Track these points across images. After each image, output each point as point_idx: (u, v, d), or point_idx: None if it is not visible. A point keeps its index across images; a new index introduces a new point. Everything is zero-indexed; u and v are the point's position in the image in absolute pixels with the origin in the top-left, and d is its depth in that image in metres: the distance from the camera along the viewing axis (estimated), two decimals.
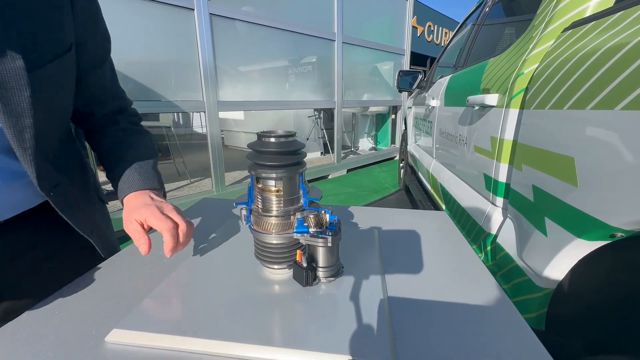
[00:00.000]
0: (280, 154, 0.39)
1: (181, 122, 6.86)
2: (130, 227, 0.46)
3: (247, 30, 2.99)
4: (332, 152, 4.31)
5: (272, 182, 0.40)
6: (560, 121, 0.66)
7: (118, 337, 0.34)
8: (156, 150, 0.63)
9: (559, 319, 0.73)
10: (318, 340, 0.34)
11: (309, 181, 4.20)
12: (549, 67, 0.74)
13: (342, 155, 4.49)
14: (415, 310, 0.40)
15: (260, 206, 0.42)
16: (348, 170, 4.48)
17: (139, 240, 0.45)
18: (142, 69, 2.34)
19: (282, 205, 0.41)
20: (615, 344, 0.64)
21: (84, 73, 0.53)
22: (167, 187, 3.17)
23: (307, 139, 4.60)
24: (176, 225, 0.45)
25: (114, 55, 0.60)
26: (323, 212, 0.41)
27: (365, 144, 5.83)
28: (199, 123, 6.12)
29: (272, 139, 0.39)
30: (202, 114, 2.79)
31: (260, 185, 0.41)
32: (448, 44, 2.35)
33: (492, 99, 0.99)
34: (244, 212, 0.44)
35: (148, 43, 2.36)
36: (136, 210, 0.47)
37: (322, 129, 4.67)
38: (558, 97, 0.67)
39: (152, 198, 0.50)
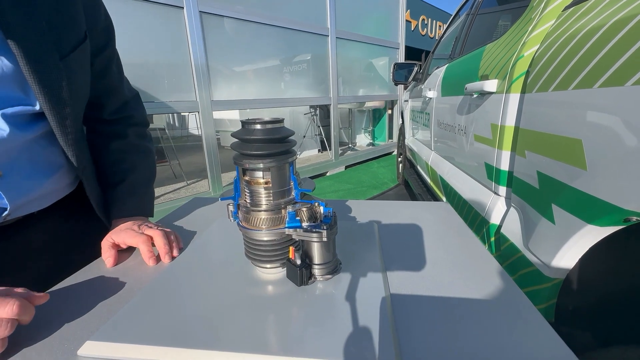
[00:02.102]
0: (268, 142, 0.36)
1: (177, 124, 6.81)
2: (105, 243, 0.50)
3: (239, 27, 2.94)
4: (330, 149, 4.28)
5: (260, 174, 0.37)
6: (565, 103, 0.62)
7: (92, 350, 0.31)
8: (155, 170, 0.67)
9: (568, 310, 0.70)
10: (315, 345, 0.31)
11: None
12: (550, 48, 0.70)
13: (340, 151, 4.45)
14: (421, 307, 0.37)
15: (248, 200, 0.39)
16: (346, 167, 4.45)
17: (105, 253, 0.49)
18: (132, 71, 2.29)
19: (271, 198, 0.37)
20: (629, 335, 0.61)
21: (92, 59, 0.53)
22: (164, 189, 3.13)
23: (304, 136, 4.56)
24: (149, 238, 0.50)
25: None
26: (317, 204, 0.38)
27: (362, 139, 5.79)
28: (195, 125, 6.07)
29: (258, 126, 0.36)
30: (197, 114, 2.74)
31: (247, 178, 0.38)
32: (442, 35, 2.32)
33: (491, 85, 0.96)
34: (230, 208, 0.40)
35: (137, 43, 2.31)
36: (117, 233, 0.51)
37: (319, 126, 4.63)
38: (562, 78, 0.64)
39: (135, 222, 0.54)
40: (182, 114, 6.13)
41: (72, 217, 0.57)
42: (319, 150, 4.84)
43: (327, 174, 4.15)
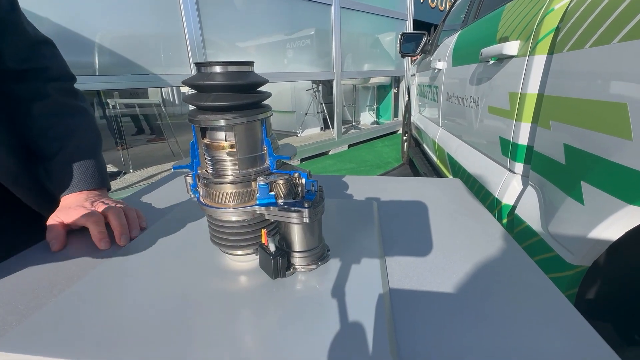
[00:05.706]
0: (231, 90, 0.27)
1: (176, 101, 6.65)
2: (50, 222, 0.42)
3: None
4: (333, 127, 4.14)
5: (222, 134, 0.28)
6: (608, 58, 0.52)
7: None
8: (98, 133, 0.56)
9: (589, 301, 0.62)
10: (292, 352, 0.23)
11: (308, 158, 3.98)
12: None
13: (343, 130, 4.31)
14: (428, 307, 0.29)
15: (209, 170, 0.30)
16: (349, 146, 4.33)
17: (50, 234, 0.41)
18: (121, 41, 2.15)
19: (237, 167, 0.29)
20: None
21: None
22: (161, 167, 3.06)
23: (306, 113, 4.41)
24: (102, 216, 0.42)
25: (96, 28, 0.44)
26: (297, 175, 0.29)
27: (366, 117, 5.62)
28: None
29: (217, 68, 0.26)
30: None
31: (206, 140, 0.29)
32: (453, 4, 2.14)
33: (511, 47, 0.84)
34: (188, 180, 0.32)
35: (125, 12, 2.15)
36: (65, 211, 0.43)
37: (321, 103, 4.46)
38: (605, 29, 0.53)
39: (87, 197, 0.47)
40: (182, 90, 5.95)
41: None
42: (321, 129, 4.70)
43: (330, 153, 4.04)
